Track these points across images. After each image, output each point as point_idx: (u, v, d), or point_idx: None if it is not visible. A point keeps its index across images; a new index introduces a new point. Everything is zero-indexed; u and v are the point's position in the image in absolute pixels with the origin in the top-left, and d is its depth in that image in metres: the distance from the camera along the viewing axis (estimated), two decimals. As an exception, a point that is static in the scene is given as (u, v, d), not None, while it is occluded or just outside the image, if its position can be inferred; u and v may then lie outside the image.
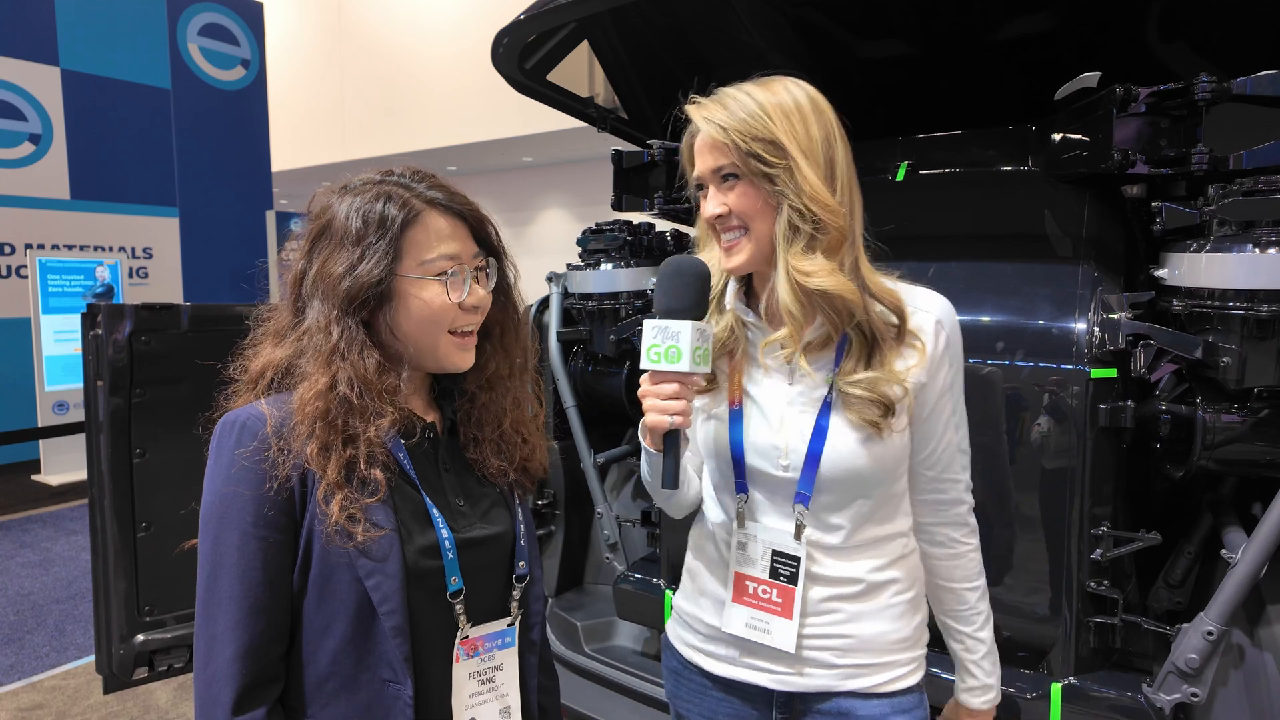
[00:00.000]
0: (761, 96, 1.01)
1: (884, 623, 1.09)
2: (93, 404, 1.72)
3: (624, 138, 2.69)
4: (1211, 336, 1.41)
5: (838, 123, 1.04)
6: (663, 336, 1.00)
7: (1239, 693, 1.35)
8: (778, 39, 2.12)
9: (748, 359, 1.12)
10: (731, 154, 1.01)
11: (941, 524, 1.14)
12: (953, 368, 1.09)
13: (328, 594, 0.91)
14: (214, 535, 0.90)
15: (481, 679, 0.99)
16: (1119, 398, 1.49)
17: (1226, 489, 1.68)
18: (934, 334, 1.06)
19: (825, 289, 0.98)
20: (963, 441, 1.13)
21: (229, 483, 0.90)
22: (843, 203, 1.02)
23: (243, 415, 0.93)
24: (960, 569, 1.15)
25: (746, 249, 1.05)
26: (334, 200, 0.98)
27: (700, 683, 1.18)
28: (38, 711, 2.95)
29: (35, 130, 6.59)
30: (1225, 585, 1.33)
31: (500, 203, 13.33)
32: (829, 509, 1.07)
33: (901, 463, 1.09)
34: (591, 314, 2.38)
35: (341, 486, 0.89)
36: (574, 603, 2.32)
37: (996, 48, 1.90)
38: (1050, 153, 1.79)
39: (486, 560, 1.02)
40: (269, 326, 1.02)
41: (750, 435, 1.09)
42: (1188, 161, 1.50)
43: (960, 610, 1.16)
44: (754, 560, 1.10)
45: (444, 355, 0.99)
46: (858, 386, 1.01)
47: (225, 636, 0.88)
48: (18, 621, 3.78)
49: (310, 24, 12.56)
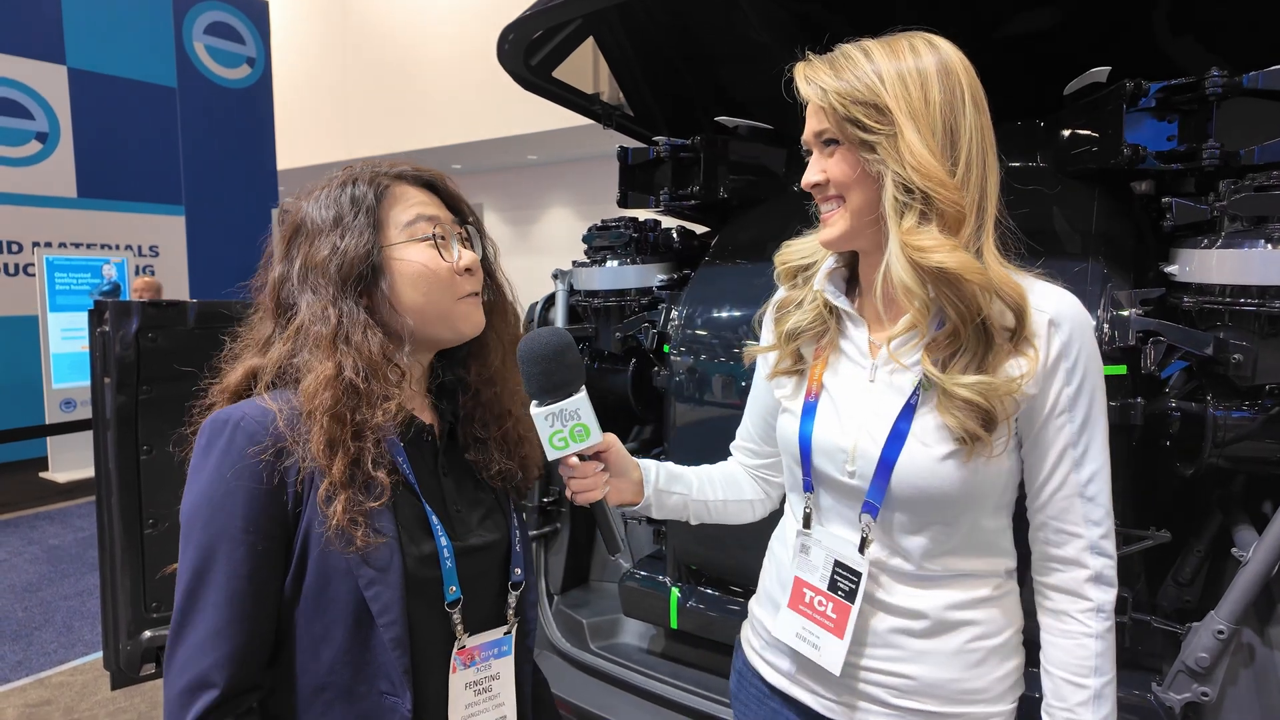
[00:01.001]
0: (879, 56, 0.90)
1: (954, 670, 0.94)
2: (100, 401, 1.72)
3: (629, 135, 2.69)
4: (1222, 333, 1.40)
5: (975, 90, 0.92)
6: (561, 420, 0.97)
7: (1249, 692, 1.35)
8: (783, 35, 2.11)
9: (833, 349, 1.02)
10: (830, 118, 0.92)
11: (1051, 587, 0.95)
12: (1073, 384, 0.90)
13: (324, 603, 0.87)
14: (199, 539, 0.86)
15: (478, 689, 0.97)
16: (1129, 395, 1.47)
17: (1237, 487, 1.67)
18: (1046, 336, 0.89)
19: (945, 266, 0.85)
20: (1090, 486, 0.91)
21: (219, 484, 0.85)
22: (964, 179, 0.89)
23: (236, 413, 0.88)
24: (1065, 653, 0.92)
25: (841, 221, 0.95)
26: (301, 204, 0.97)
27: (759, 689, 1.11)
28: (46, 707, 2.96)
29: (42, 129, 6.62)
30: (1236, 584, 1.32)
31: (506, 201, 13.34)
32: (902, 530, 0.95)
33: (999, 491, 0.94)
34: (597, 311, 2.37)
35: (345, 487, 0.85)
36: (579, 600, 2.31)
37: (1004, 43, 1.89)
38: (1059, 148, 1.78)
39: (483, 568, 0.99)
40: (247, 338, 0.98)
41: (819, 434, 1.00)
42: (1198, 157, 1.48)
43: (1055, 708, 0.93)
44: (815, 567, 1.01)
45: (460, 319, 0.96)
46: (968, 389, 0.86)
47: (206, 645, 0.83)
48: (26, 618, 3.80)
49: (315, 22, 12.58)
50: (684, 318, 1.99)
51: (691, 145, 2.24)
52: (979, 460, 0.89)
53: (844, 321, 1.02)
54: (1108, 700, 0.93)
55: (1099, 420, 0.92)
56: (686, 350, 1.94)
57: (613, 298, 2.31)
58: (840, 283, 1.03)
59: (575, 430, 0.97)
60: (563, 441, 0.97)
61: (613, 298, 2.31)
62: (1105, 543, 0.93)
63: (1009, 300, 0.88)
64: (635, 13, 2.27)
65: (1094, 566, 0.93)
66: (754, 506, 1.21)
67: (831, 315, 1.02)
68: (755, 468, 1.21)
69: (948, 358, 0.90)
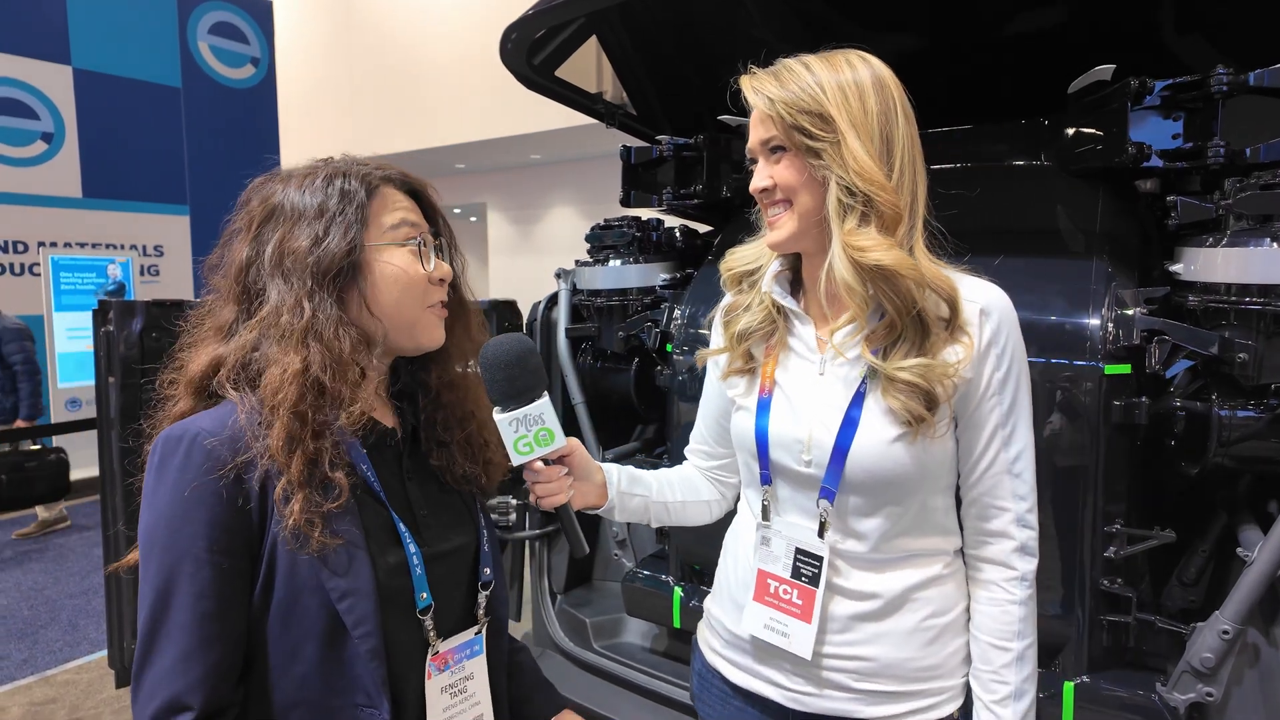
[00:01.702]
0: (819, 69, 0.97)
1: (909, 648, 1.00)
2: (104, 400, 1.73)
3: (632, 134, 2.69)
4: (1228, 332, 1.40)
5: (904, 102, 0.99)
6: (525, 425, 0.97)
7: (1254, 692, 1.34)
8: (787, 33, 2.10)
9: (783, 347, 1.08)
10: (778, 126, 0.98)
11: (982, 559, 1.03)
12: (1002, 369, 0.98)
13: (294, 618, 0.84)
14: (160, 561, 0.82)
15: (454, 691, 0.96)
16: (1133, 394, 1.47)
17: (1242, 486, 1.67)
18: (978, 324, 0.97)
19: (882, 263, 0.92)
20: (1016, 464, 0.99)
21: (176, 505, 0.81)
22: (899, 183, 0.96)
23: (191, 429, 0.84)
24: (992, 619, 1.00)
25: (789, 224, 1.01)
26: (275, 186, 0.94)
27: (721, 689, 1.14)
28: (51, 705, 2.97)
29: (48, 129, 6.64)
30: (1241, 584, 1.31)
31: (509, 200, 13.34)
32: (857, 513, 1.00)
33: (945, 470, 1.01)
34: (600, 310, 2.37)
35: (302, 486, 0.82)
36: (582, 599, 2.32)
37: (1008, 41, 1.89)
38: (1064, 147, 1.77)
39: (452, 571, 0.98)
40: (206, 326, 0.94)
41: (775, 427, 1.05)
42: (1204, 155, 1.48)
43: (981, 671, 1.01)
44: (777, 557, 1.05)
45: (422, 330, 0.95)
46: (909, 372, 0.94)
47: (176, 669, 0.80)
48: (31, 616, 3.82)
49: (319, 22, 12.60)
50: (687, 317, 1.99)
51: (694, 144, 2.24)
52: (925, 441, 0.96)
53: (791, 320, 1.08)
54: (1029, 662, 1.00)
55: (1024, 403, 1.00)
56: (689, 349, 1.94)
57: (616, 297, 2.31)
58: (785, 284, 1.09)
59: (540, 435, 0.98)
60: (527, 446, 0.98)
61: (616, 297, 2.31)
62: (1030, 516, 1.01)
63: (941, 292, 0.96)
64: (638, 11, 2.27)
65: (1019, 538, 1.00)
66: (710, 507, 1.25)
67: (779, 315, 1.08)
68: (710, 469, 1.25)
69: (888, 347, 0.97)
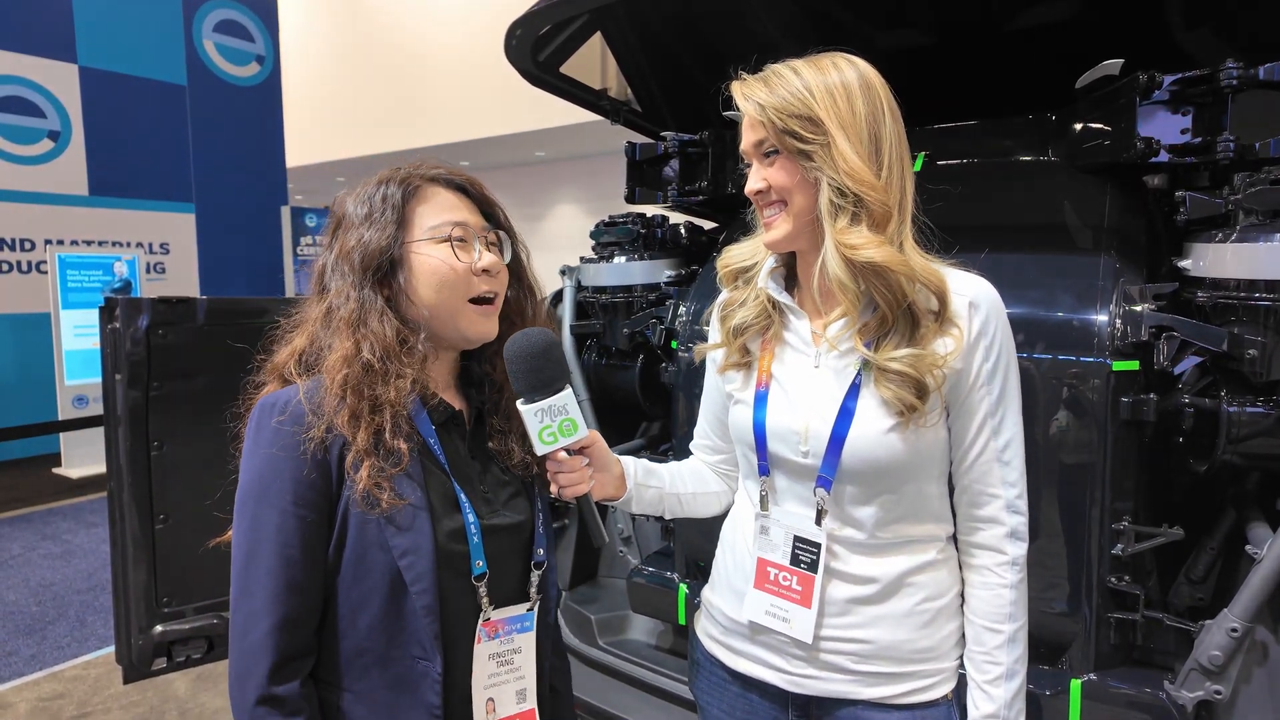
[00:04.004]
0: (807, 73, 1.00)
1: (906, 630, 1.04)
2: (111, 397, 1.73)
3: (637, 130, 2.68)
4: (1237, 328, 1.39)
5: (890, 102, 1.02)
6: (549, 416, 1.00)
7: (1263, 690, 1.34)
8: (792, 29, 2.10)
9: (779, 341, 1.11)
10: (769, 131, 1.01)
11: (974, 544, 1.06)
12: (991, 360, 1.01)
13: (362, 572, 0.94)
14: (252, 513, 0.93)
15: (501, 660, 1.02)
16: (1141, 391, 1.46)
17: (1251, 483, 1.66)
18: (967, 316, 1.00)
19: (874, 260, 0.96)
20: (1006, 452, 1.03)
21: (268, 462, 0.93)
22: (889, 181, 0.99)
23: (281, 396, 0.97)
24: (985, 603, 1.04)
25: (785, 224, 1.04)
26: (344, 198, 1.06)
27: (721, 677, 1.17)
28: (59, 701, 2.99)
29: (54, 127, 6.67)
30: (1249, 581, 1.30)
31: (514, 198, 13.35)
32: (853, 501, 1.04)
33: (938, 459, 1.04)
34: (605, 307, 2.37)
35: (370, 454, 0.93)
36: (588, 596, 2.32)
37: (1015, 36, 1.88)
38: (1071, 142, 1.76)
39: (507, 547, 1.05)
40: (297, 319, 1.06)
41: (772, 419, 1.08)
42: (1213, 150, 1.47)
43: (975, 653, 1.05)
44: (776, 546, 1.09)
45: (466, 324, 1.02)
46: (899, 362, 0.97)
47: (262, 611, 0.91)
48: (39, 612, 3.84)
49: (324, 19, 12.61)
50: (692, 313, 1.98)
51: (699, 140, 2.23)
52: (918, 430, 0.99)
53: (786, 315, 1.11)
54: (1020, 643, 1.04)
55: (1013, 393, 1.04)
56: (694, 346, 1.93)
57: (620, 293, 2.31)
58: (780, 280, 1.12)
59: (564, 425, 1.00)
60: (551, 436, 1.00)
61: (620, 293, 2.31)
62: (1019, 502, 1.04)
63: (931, 286, 0.99)
64: (642, 7, 2.26)
65: (1010, 523, 1.04)
66: (719, 498, 1.28)
67: (775, 310, 1.11)
68: (716, 463, 1.29)
69: (880, 339, 1.00)
